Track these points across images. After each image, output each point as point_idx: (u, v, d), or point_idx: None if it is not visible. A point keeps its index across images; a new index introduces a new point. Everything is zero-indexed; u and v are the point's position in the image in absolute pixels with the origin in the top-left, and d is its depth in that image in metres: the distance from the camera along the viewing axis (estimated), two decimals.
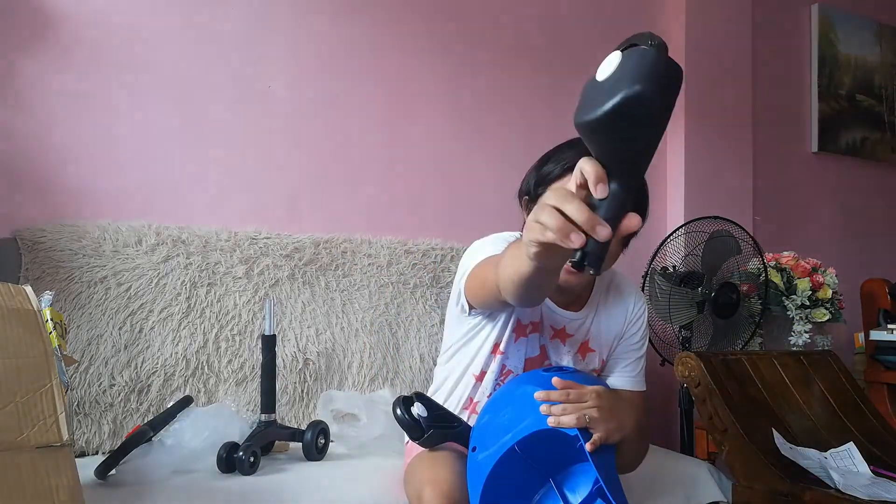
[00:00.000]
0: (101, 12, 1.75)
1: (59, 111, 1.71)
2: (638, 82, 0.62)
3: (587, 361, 1.33)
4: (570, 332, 1.31)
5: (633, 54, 0.64)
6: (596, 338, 1.34)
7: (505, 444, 1.00)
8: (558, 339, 1.31)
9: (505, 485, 1.01)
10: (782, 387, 1.66)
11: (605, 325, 1.34)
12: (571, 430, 1.00)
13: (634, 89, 0.62)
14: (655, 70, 0.63)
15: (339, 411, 1.60)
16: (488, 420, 1.10)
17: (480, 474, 1.01)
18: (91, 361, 1.52)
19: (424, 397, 1.17)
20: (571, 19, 2.36)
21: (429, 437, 1.14)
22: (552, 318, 1.31)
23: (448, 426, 1.16)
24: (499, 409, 1.09)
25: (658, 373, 1.98)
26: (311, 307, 1.77)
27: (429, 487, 1.08)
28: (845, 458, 1.46)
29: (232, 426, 1.38)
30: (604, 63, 0.66)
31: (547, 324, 1.30)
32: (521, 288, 0.91)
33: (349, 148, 2.03)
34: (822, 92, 2.88)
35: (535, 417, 1.02)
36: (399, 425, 1.16)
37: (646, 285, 1.98)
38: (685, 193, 2.47)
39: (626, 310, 1.36)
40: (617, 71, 0.64)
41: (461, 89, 2.18)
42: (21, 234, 1.58)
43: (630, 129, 0.64)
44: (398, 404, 1.14)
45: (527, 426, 1.01)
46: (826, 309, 2.12)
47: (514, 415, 1.05)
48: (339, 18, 2.02)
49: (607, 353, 1.35)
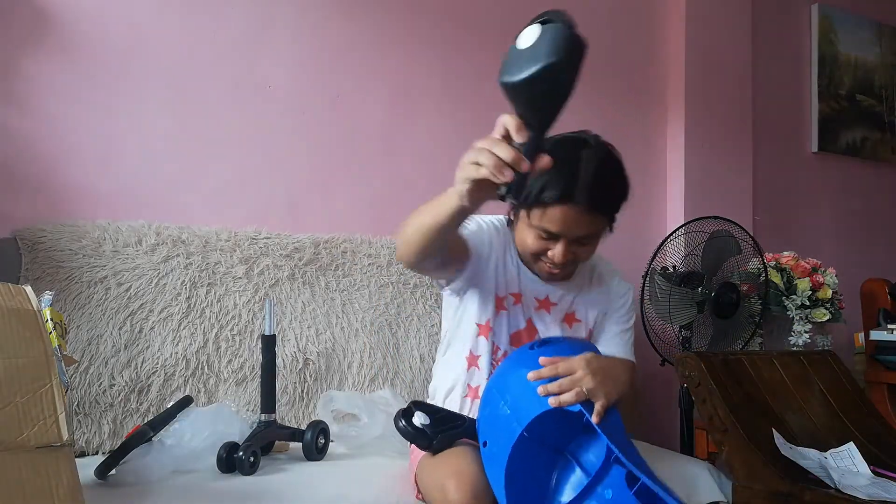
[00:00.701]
0: (101, 12, 1.75)
1: (59, 111, 1.71)
2: (554, 55, 0.77)
3: (574, 331, 1.37)
4: (554, 300, 1.36)
5: (550, 29, 0.78)
6: (581, 310, 1.38)
7: (513, 432, 1.02)
8: (543, 310, 1.35)
9: (525, 469, 1.02)
10: (782, 387, 1.66)
11: (589, 301, 1.39)
12: (574, 407, 1.02)
13: (551, 60, 0.77)
14: (568, 45, 0.78)
15: (340, 411, 1.60)
16: (490, 412, 1.10)
17: (498, 467, 1.02)
18: (91, 361, 1.52)
19: (422, 404, 1.19)
20: (574, 18, 2.36)
21: (438, 443, 1.14)
22: (534, 288, 1.35)
23: (453, 427, 1.16)
24: (497, 399, 1.10)
25: (658, 373, 1.98)
26: (311, 307, 1.77)
27: (453, 480, 1.08)
28: (845, 458, 1.46)
29: (232, 426, 1.38)
30: (525, 33, 0.81)
31: (530, 295, 1.34)
32: (432, 233, 1.04)
33: (349, 148, 2.03)
34: (822, 92, 2.88)
35: (535, 400, 1.04)
36: (405, 438, 1.16)
37: (646, 285, 1.98)
38: (685, 193, 2.47)
39: (608, 289, 1.42)
40: (537, 42, 0.78)
41: (462, 90, 2.17)
42: (21, 234, 1.58)
43: (545, 90, 0.80)
44: (399, 418, 1.15)
45: (529, 411, 1.02)
46: (826, 309, 2.12)
47: (514, 402, 1.06)
48: (339, 18, 2.02)
49: (593, 325, 1.40)
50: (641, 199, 2.47)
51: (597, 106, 2.40)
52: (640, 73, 2.49)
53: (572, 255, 1.25)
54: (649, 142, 2.50)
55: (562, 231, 1.21)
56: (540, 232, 1.23)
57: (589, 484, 1.01)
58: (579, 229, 1.22)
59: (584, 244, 1.26)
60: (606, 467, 1.01)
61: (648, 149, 2.50)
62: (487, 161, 0.84)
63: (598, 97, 2.40)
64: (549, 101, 0.82)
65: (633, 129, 2.47)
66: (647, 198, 2.50)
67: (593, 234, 1.25)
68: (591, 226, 1.23)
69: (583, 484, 1.01)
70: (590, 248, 1.29)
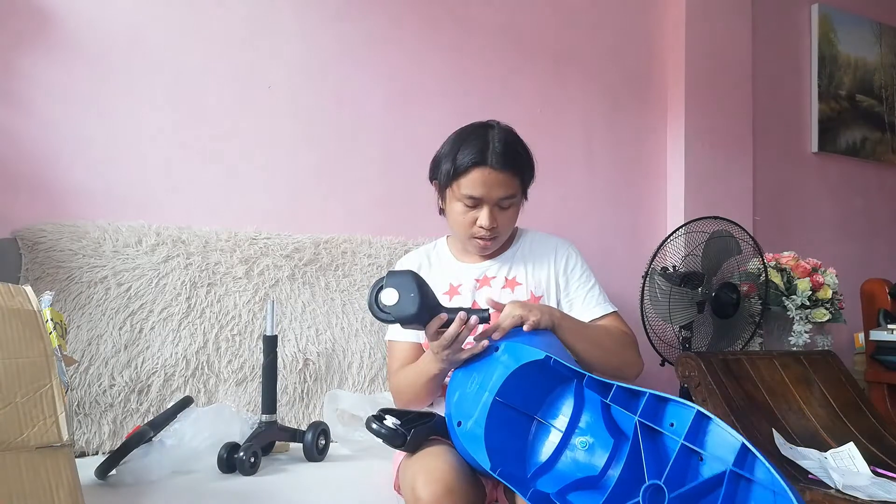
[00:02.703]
0: (101, 12, 1.75)
1: (58, 111, 1.71)
2: (406, 312, 1.15)
3: (517, 295, 1.45)
4: (492, 274, 1.48)
5: (401, 298, 1.15)
6: (521, 272, 1.48)
7: (486, 402, 1.08)
8: (485, 286, 1.47)
9: (502, 437, 1.07)
10: (782, 387, 1.66)
11: (531, 264, 1.49)
12: (538, 354, 1.11)
13: (407, 314, 1.15)
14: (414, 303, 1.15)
15: (344, 412, 1.60)
16: (460, 395, 1.14)
17: (477, 438, 1.06)
18: (91, 361, 1.52)
19: (391, 410, 1.21)
20: (574, 19, 2.36)
21: (412, 438, 1.15)
22: (470, 273, 1.48)
23: (424, 423, 1.18)
24: (465, 382, 1.15)
25: (658, 373, 1.98)
26: (311, 307, 1.77)
27: (421, 476, 1.10)
28: (845, 458, 1.46)
29: (232, 426, 1.38)
30: (385, 294, 1.15)
31: (469, 281, 1.47)
32: (431, 384, 1.32)
33: (349, 148, 2.03)
34: (822, 92, 2.89)
35: (501, 367, 1.12)
36: (380, 439, 1.17)
37: (646, 285, 1.98)
38: (685, 193, 2.47)
39: (552, 250, 1.51)
40: (397, 304, 1.15)
41: (463, 89, 2.17)
42: (21, 234, 1.58)
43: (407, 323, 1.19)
44: (372, 421, 1.17)
45: (498, 377, 1.11)
46: (826, 309, 2.12)
47: (480, 378, 1.13)
48: (339, 18, 2.02)
49: (544, 291, 1.47)
50: (641, 199, 2.49)
51: (597, 106, 2.40)
52: (640, 73, 2.49)
53: (496, 222, 1.39)
54: (649, 142, 2.51)
55: (482, 194, 1.37)
56: (465, 201, 1.38)
57: (566, 431, 1.07)
58: (497, 189, 1.37)
59: (504, 208, 1.40)
60: (579, 409, 1.08)
61: (648, 149, 2.50)
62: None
63: (598, 97, 2.40)
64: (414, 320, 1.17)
65: (633, 129, 2.47)
66: (647, 198, 2.50)
67: (510, 195, 1.39)
68: (507, 186, 1.37)
69: (557, 439, 1.07)
70: (510, 213, 1.42)
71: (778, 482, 0.84)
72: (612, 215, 2.44)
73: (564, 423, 1.08)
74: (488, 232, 1.39)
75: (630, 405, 1.01)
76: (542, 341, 1.20)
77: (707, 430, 0.94)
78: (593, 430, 1.06)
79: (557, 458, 1.06)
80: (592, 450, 1.04)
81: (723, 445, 0.91)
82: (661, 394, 0.99)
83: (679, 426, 0.95)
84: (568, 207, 2.34)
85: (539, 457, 1.07)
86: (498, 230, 1.41)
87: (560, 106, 2.34)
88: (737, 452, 0.88)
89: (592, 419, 1.06)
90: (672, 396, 0.99)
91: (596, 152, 2.41)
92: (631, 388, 1.03)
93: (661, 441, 0.98)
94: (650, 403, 0.99)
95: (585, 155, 2.39)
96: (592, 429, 1.06)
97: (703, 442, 0.93)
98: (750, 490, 0.88)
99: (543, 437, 1.09)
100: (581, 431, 1.07)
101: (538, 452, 1.08)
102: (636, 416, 0.98)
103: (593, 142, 2.40)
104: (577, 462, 1.04)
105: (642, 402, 0.99)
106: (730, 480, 0.88)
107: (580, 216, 2.36)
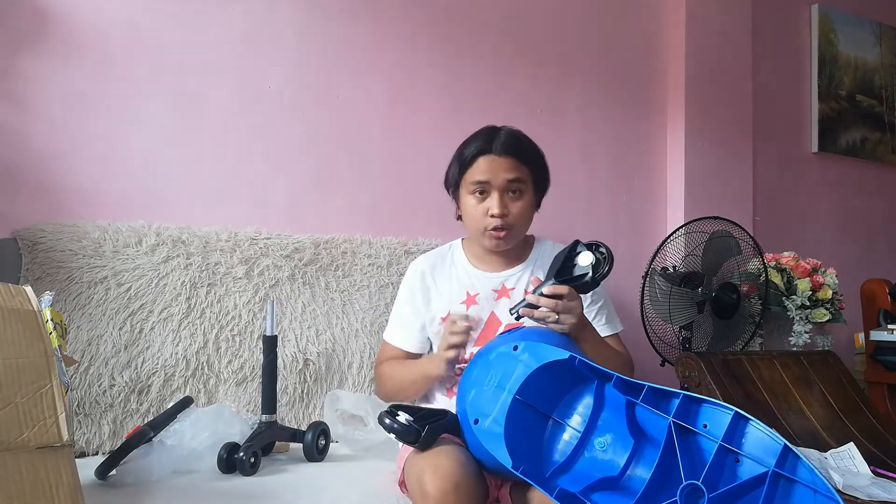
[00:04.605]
0: (101, 12, 1.75)
1: (59, 111, 1.71)
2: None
3: None
4: (510, 285, 1.50)
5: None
6: None
7: (506, 401, 1.08)
8: (504, 297, 1.49)
9: (520, 436, 1.07)
10: (782, 387, 1.66)
11: (544, 270, 1.47)
12: (563, 353, 1.11)
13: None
14: None
15: (345, 412, 1.60)
16: (476, 392, 1.14)
17: (497, 437, 1.06)
18: (91, 362, 1.52)
19: (403, 406, 1.21)
20: (575, 19, 2.36)
21: (426, 434, 1.15)
22: (489, 283, 1.49)
23: (438, 420, 1.18)
24: (481, 379, 1.14)
25: (658, 373, 1.98)
26: (311, 307, 1.77)
27: (429, 472, 1.10)
28: (845, 458, 1.46)
29: (232, 427, 1.39)
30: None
31: (487, 290, 1.49)
32: (421, 385, 1.42)
33: (349, 148, 2.03)
34: (822, 92, 2.88)
35: (521, 366, 1.12)
36: (393, 435, 1.17)
37: (646, 285, 1.98)
38: (685, 193, 2.46)
39: None
40: None
41: (463, 90, 2.17)
42: (21, 234, 1.58)
43: None
44: (385, 416, 1.17)
45: (519, 375, 1.10)
46: (826, 309, 2.11)
47: (500, 376, 1.12)
48: (339, 18, 2.02)
49: None
50: (641, 199, 2.49)
51: (597, 106, 2.40)
52: (640, 73, 2.49)
53: (507, 209, 1.41)
54: (649, 142, 2.50)
55: (489, 178, 1.41)
56: (475, 189, 1.42)
57: (585, 431, 1.07)
58: (503, 173, 1.41)
59: (513, 194, 1.43)
60: (598, 408, 1.08)
61: (648, 149, 2.50)
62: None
63: (598, 97, 2.40)
64: None
65: (633, 129, 2.47)
66: (647, 198, 2.50)
67: (516, 178, 1.42)
68: (513, 170, 1.41)
69: (576, 438, 1.07)
70: (521, 203, 1.44)
71: (821, 481, 0.87)
72: (612, 215, 2.44)
73: (579, 423, 1.08)
74: (500, 220, 1.41)
75: (661, 406, 1.01)
76: (561, 341, 1.21)
77: (745, 431, 0.95)
78: (613, 430, 1.06)
79: (576, 457, 1.06)
80: (610, 450, 1.05)
81: (761, 446, 0.93)
82: (695, 395, 1.00)
83: (714, 427, 0.96)
84: (568, 208, 2.33)
85: (555, 455, 1.07)
86: (510, 220, 1.42)
87: (560, 106, 2.34)
88: (778, 454, 0.91)
89: (613, 419, 1.06)
90: (706, 398, 0.99)
91: (596, 152, 2.41)
92: (663, 388, 1.03)
93: (693, 442, 0.98)
94: (683, 404, 0.99)
95: (585, 155, 2.39)
96: (612, 429, 1.06)
97: (740, 443, 0.95)
98: (791, 489, 0.90)
99: (559, 437, 1.09)
100: (600, 432, 1.07)
101: (554, 451, 1.08)
102: (670, 417, 0.99)
103: (593, 142, 2.40)
104: (595, 461, 1.05)
105: (675, 403, 1.00)
106: (769, 480, 0.90)
107: (580, 216, 2.36)
